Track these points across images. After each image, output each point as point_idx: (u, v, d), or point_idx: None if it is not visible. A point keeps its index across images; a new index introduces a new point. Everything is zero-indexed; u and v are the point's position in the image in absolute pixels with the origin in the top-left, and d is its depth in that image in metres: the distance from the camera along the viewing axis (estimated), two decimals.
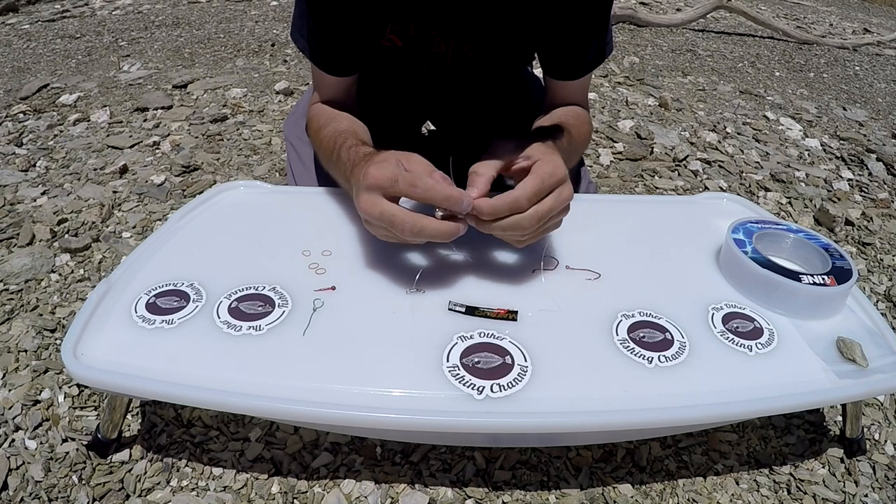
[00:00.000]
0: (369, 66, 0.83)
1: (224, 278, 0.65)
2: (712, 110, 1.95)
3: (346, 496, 0.68)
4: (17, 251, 1.06)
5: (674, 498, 0.70)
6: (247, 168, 1.41)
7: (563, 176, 0.57)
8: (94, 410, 0.77)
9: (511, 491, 0.69)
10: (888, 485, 0.73)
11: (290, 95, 1.86)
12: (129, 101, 1.75)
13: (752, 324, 0.63)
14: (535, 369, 0.55)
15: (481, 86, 0.96)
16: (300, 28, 0.77)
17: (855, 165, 1.62)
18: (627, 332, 0.60)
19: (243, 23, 2.74)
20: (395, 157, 0.57)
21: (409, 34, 0.78)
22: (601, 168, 1.51)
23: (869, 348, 0.60)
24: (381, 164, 0.56)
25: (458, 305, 0.62)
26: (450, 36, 0.79)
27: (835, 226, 1.30)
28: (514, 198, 0.55)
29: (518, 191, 0.55)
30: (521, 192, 0.55)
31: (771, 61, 2.67)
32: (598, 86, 2.09)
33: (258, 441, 0.74)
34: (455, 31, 0.79)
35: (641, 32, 2.95)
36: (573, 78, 0.82)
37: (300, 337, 0.58)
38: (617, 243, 0.76)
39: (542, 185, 0.56)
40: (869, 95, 2.30)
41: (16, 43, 2.38)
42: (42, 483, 0.67)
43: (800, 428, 0.80)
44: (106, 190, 1.28)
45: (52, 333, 0.89)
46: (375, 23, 0.76)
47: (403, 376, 0.54)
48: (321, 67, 0.79)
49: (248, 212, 0.80)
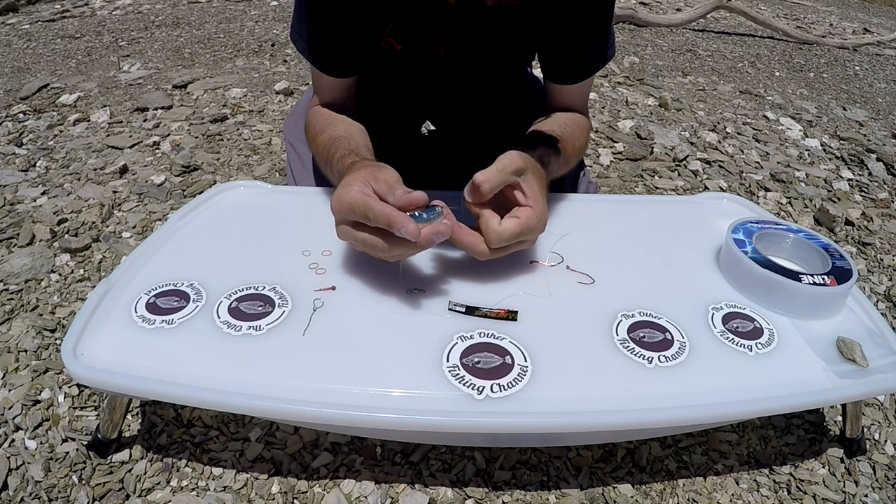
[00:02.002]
0: (369, 68, 0.84)
1: (224, 278, 0.65)
2: (712, 110, 1.95)
3: (346, 496, 0.68)
4: (17, 251, 1.06)
5: (674, 498, 0.70)
6: (247, 168, 1.41)
7: (542, 228, 0.62)
8: (94, 410, 0.77)
9: (511, 491, 0.69)
10: (888, 485, 0.73)
11: (290, 95, 1.86)
12: (129, 101, 1.75)
13: (752, 324, 0.63)
14: (535, 369, 0.55)
15: (481, 88, 0.96)
16: (300, 30, 0.77)
17: (855, 165, 1.62)
18: (627, 332, 0.60)
19: (243, 23, 2.74)
20: (362, 177, 0.58)
21: (407, 38, 0.78)
22: (601, 168, 1.51)
23: (869, 348, 0.60)
24: (345, 188, 0.57)
25: (458, 305, 0.62)
26: (450, 41, 0.79)
27: (835, 226, 1.30)
28: (497, 233, 0.59)
29: (501, 228, 0.59)
30: (504, 232, 0.59)
31: (771, 61, 2.67)
32: (599, 86, 2.09)
33: (258, 441, 0.74)
34: (455, 38, 0.79)
35: (641, 32, 2.95)
36: (572, 82, 0.82)
37: (300, 337, 0.58)
38: (617, 243, 0.76)
39: (520, 232, 0.59)
40: (869, 95, 2.30)
41: (16, 43, 2.38)
42: (42, 483, 0.67)
43: (800, 428, 0.80)
44: (106, 190, 1.28)
45: (52, 333, 0.89)
46: (374, 25, 0.76)
47: (403, 376, 0.54)
48: (320, 69, 0.79)
49: (248, 212, 0.80)
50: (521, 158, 0.61)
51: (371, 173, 0.58)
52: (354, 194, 0.56)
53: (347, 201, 0.56)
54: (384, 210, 0.54)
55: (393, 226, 0.53)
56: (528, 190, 0.61)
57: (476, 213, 0.60)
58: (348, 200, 0.56)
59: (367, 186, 0.57)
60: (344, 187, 0.57)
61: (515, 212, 0.60)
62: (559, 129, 0.78)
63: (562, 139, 0.76)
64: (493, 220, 0.59)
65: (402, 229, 0.53)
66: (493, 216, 0.59)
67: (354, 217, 0.56)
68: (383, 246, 0.56)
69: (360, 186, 0.57)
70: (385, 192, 0.56)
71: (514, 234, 0.59)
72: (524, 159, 0.61)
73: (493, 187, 0.58)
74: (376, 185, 0.57)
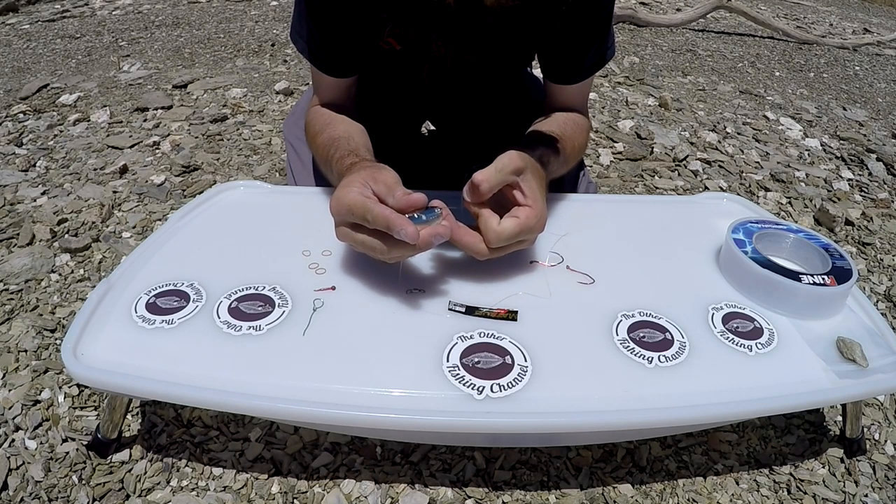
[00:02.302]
0: (369, 68, 0.84)
1: (224, 278, 0.65)
2: (712, 110, 1.95)
3: (346, 496, 0.68)
4: (17, 251, 1.06)
5: (674, 498, 0.70)
6: (247, 168, 1.41)
7: (541, 228, 0.62)
8: (94, 410, 0.77)
9: (511, 491, 0.69)
10: (888, 485, 0.73)
11: (290, 95, 1.86)
12: (129, 101, 1.75)
13: (752, 324, 0.63)
14: (535, 369, 0.55)
15: (481, 88, 0.96)
16: (300, 29, 0.77)
17: (855, 165, 1.62)
18: (627, 332, 0.60)
19: (243, 23, 2.74)
20: (361, 179, 0.58)
21: (407, 38, 0.78)
22: (601, 168, 1.51)
23: (869, 348, 0.60)
24: (345, 189, 0.57)
25: (458, 305, 0.62)
26: (450, 42, 0.79)
27: (835, 226, 1.30)
28: (496, 232, 0.58)
29: (500, 228, 0.59)
30: (503, 231, 0.59)
31: (771, 61, 2.67)
32: (598, 86, 2.09)
33: (258, 441, 0.74)
34: (454, 38, 0.79)
35: (641, 32, 2.95)
36: (572, 82, 0.82)
37: (300, 337, 0.58)
38: (617, 243, 0.76)
39: (519, 232, 0.59)
40: (869, 95, 2.30)
41: (16, 43, 2.38)
42: (42, 483, 0.67)
43: (800, 428, 0.80)
44: (106, 190, 1.28)
45: (52, 333, 0.89)
46: (373, 25, 0.76)
47: (403, 376, 0.54)
48: (321, 69, 0.79)
49: (248, 212, 0.80)
50: (521, 158, 0.61)
51: (370, 174, 0.58)
52: (354, 196, 0.56)
53: (347, 203, 0.56)
54: (383, 212, 0.54)
55: (392, 228, 0.53)
56: (528, 189, 0.61)
57: (475, 213, 0.60)
58: (347, 202, 0.56)
59: (366, 188, 0.57)
60: (343, 188, 0.57)
61: (515, 211, 0.60)
62: (559, 129, 0.78)
63: (561, 139, 0.76)
64: (493, 220, 0.59)
65: (400, 232, 0.53)
66: (492, 216, 0.59)
67: (353, 219, 0.56)
68: (382, 248, 0.56)
69: (360, 188, 0.57)
70: (384, 194, 0.56)
71: (514, 233, 0.59)
72: (523, 159, 0.61)
73: (492, 187, 0.58)
74: (375, 187, 0.57)
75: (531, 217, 0.60)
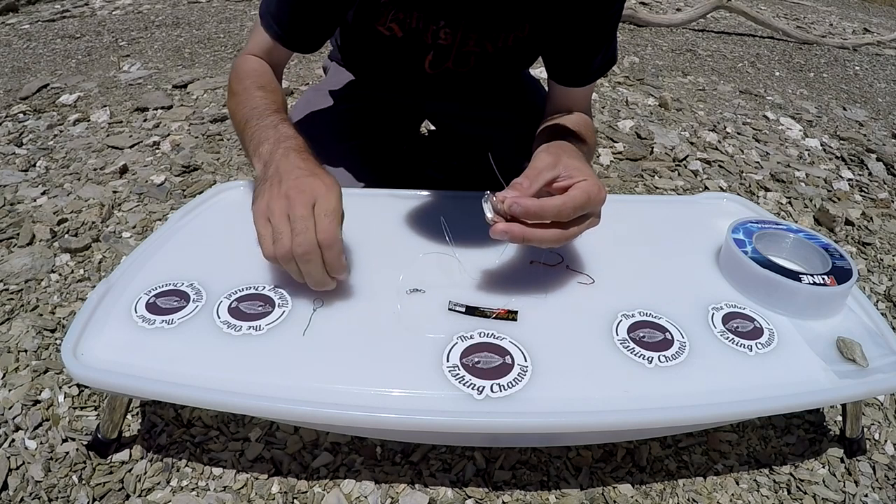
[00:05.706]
0: (368, 55, 0.82)
1: (224, 278, 0.65)
2: (712, 110, 1.95)
3: (346, 496, 0.68)
4: (17, 251, 1.06)
5: (674, 498, 0.70)
6: (247, 168, 1.41)
7: (603, 197, 0.58)
8: (94, 410, 0.77)
9: (511, 491, 0.69)
10: (888, 485, 0.73)
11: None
12: (129, 101, 1.75)
13: (752, 324, 0.63)
14: (535, 369, 0.55)
15: (481, 84, 0.95)
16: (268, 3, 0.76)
17: (855, 165, 1.62)
18: (627, 332, 0.60)
19: (243, 23, 2.74)
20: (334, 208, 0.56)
21: (410, 25, 0.77)
22: (601, 168, 1.51)
23: (869, 348, 0.60)
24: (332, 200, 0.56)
25: (458, 305, 0.62)
26: (458, 28, 0.79)
27: (835, 226, 1.30)
28: (560, 203, 0.54)
29: (565, 198, 0.55)
30: (569, 199, 0.55)
31: (771, 61, 2.67)
32: (599, 86, 2.09)
33: (258, 441, 0.74)
34: (464, 22, 0.78)
35: (641, 32, 2.95)
36: (579, 85, 0.82)
37: (300, 337, 0.58)
38: (617, 243, 0.76)
39: (588, 200, 0.55)
40: (869, 95, 2.30)
41: (16, 43, 2.38)
42: (42, 483, 0.67)
43: (800, 428, 0.80)
44: (106, 190, 1.28)
45: (52, 333, 0.89)
46: (374, 8, 0.75)
47: (403, 376, 0.54)
48: (285, 45, 0.77)
49: (249, 212, 0.80)
50: (547, 152, 0.59)
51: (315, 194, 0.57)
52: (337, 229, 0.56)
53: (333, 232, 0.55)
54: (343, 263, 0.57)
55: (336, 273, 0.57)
56: (573, 170, 0.57)
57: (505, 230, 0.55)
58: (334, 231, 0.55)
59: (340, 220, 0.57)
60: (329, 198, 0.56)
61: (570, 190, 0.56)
62: (574, 125, 0.77)
63: (580, 133, 0.75)
64: (553, 199, 0.55)
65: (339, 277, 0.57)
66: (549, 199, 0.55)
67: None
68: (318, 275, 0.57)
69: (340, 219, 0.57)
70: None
71: (581, 199, 0.55)
72: (550, 151, 0.59)
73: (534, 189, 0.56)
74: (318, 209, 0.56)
75: (591, 185, 0.56)
